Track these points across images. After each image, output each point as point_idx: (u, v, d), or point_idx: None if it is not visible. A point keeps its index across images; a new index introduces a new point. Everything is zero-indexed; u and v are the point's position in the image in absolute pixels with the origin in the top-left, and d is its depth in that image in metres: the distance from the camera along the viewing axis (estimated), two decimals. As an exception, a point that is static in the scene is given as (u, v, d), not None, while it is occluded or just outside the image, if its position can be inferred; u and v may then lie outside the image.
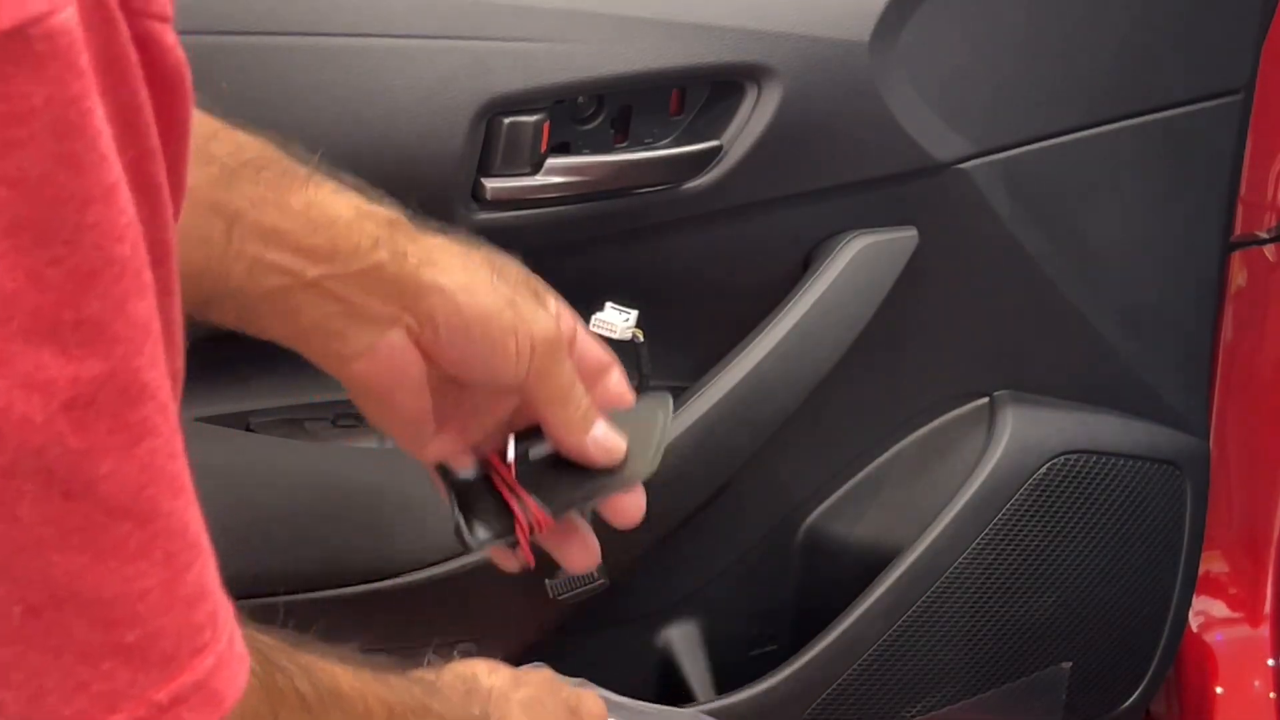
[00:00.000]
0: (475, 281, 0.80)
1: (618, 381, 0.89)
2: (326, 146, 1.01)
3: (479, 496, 0.85)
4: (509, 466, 0.85)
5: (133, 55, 0.43)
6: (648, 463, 0.87)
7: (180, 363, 0.50)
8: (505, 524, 0.84)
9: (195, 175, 0.71)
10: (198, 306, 0.76)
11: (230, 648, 0.48)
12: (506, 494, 0.84)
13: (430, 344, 0.80)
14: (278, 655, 0.58)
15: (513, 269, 0.84)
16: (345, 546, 1.09)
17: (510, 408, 0.86)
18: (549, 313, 0.83)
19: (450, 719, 0.72)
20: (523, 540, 0.84)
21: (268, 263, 0.77)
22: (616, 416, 0.87)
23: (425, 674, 0.76)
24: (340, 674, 0.64)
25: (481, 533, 0.84)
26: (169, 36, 0.45)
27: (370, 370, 0.81)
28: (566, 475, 0.85)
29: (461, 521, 0.84)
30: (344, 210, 0.79)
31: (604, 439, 0.86)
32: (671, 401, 0.92)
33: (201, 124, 0.75)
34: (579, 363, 0.85)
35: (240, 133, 0.79)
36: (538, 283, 0.85)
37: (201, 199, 0.75)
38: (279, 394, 1.13)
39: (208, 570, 0.48)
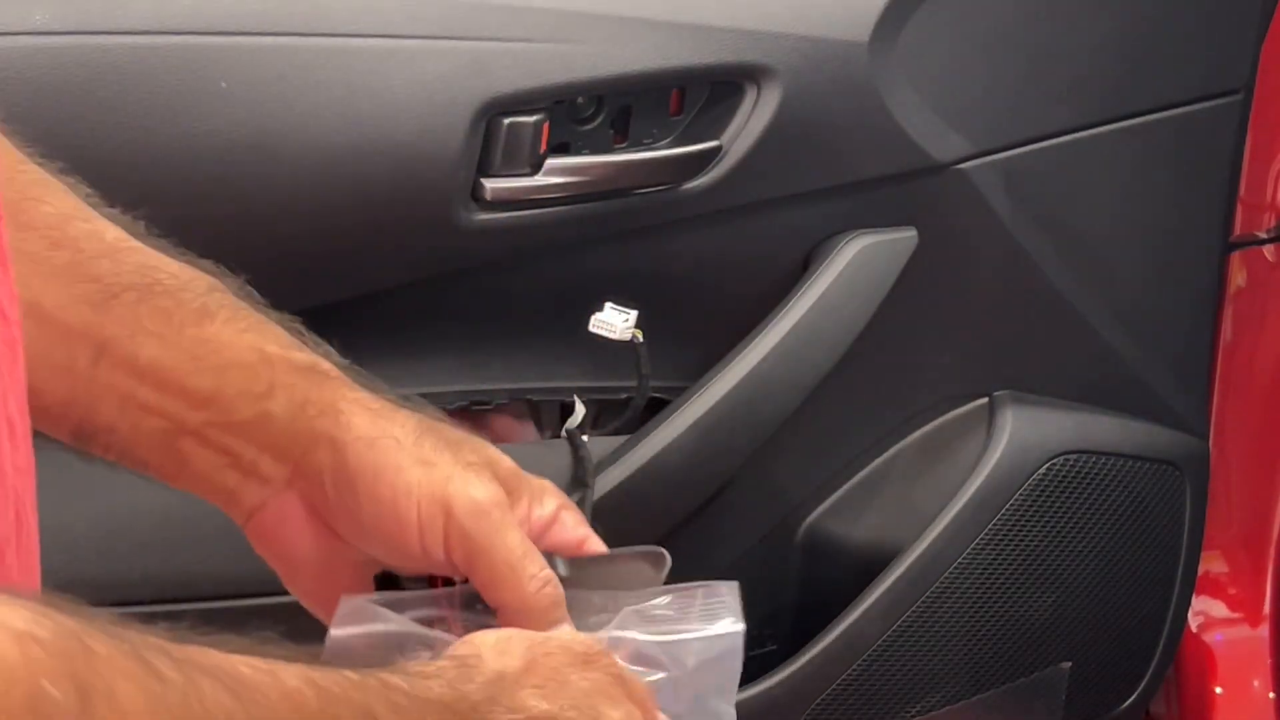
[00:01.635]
0: (378, 433, 0.67)
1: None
2: (325, 147, 1.01)
3: None
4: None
5: None
6: None
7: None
8: None
9: (66, 294, 0.65)
10: (74, 440, 0.68)
11: None
12: None
13: (321, 507, 0.68)
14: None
15: (453, 432, 0.69)
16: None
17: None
18: (483, 479, 0.68)
19: (427, 698, 0.56)
20: None
21: (140, 401, 0.66)
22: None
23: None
24: (242, 662, 0.52)
25: None
26: None
27: (263, 533, 0.69)
28: None
29: None
30: (244, 352, 0.67)
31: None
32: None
33: (96, 240, 0.67)
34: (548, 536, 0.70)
35: (162, 259, 0.68)
36: (491, 451, 0.70)
37: (66, 319, 0.65)
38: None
39: None
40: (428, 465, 0.66)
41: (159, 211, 1.01)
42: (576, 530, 0.72)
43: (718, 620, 0.72)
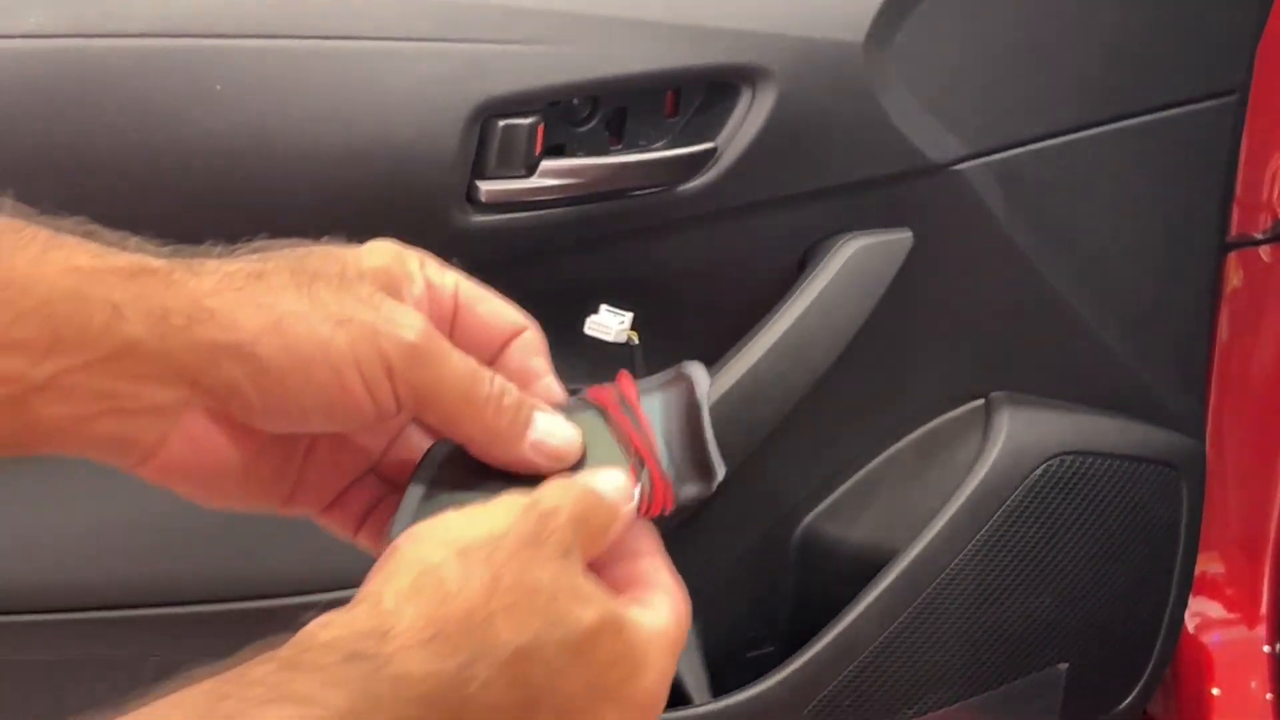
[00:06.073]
0: (276, 319, 0.60)
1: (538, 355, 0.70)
2: (320, 150, 1.01)
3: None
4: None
5: None
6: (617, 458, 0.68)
7: None
8: None
9: None
10: None
11: None
12: None
13: (246, 414, 0.62)
14: None
15: (335, 260, 0.64)
16: (341, 547, 1.09)
17: (392, 433, 0.70)
18: (404, 307, 0.63)
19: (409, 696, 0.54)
20: None
21: None
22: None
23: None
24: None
25: None
26: None
27: (175, 467, 0.62)
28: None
29: None
30: (57, 279, 0.58)
31: (548, 437, 0.67)
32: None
33: None
34: (480, 338, 0.67)
35: None
36: (364, 260, 0.65)
37: None
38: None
39: None
40: (344, 324, 0.61)
41: (153, 213, 1.01)
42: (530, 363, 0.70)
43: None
